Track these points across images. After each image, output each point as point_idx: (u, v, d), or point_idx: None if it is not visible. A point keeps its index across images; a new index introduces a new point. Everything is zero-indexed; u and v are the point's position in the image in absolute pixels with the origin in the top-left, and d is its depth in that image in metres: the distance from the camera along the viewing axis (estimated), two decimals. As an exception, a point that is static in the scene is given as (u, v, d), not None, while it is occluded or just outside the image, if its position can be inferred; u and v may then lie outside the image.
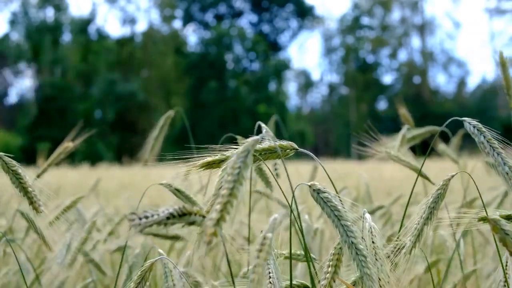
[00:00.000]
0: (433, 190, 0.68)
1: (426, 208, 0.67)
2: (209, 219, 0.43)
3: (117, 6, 26.34)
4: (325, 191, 0.58)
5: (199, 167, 0.62)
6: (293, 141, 0.64)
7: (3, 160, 0.68)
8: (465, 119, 0.67)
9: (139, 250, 1.15)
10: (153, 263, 0.66)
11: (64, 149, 1.08)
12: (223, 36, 25.38)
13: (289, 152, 0.63)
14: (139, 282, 0.65)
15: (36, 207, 0.68)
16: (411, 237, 0.67)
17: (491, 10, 26.96)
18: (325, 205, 0.58)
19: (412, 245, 0.66)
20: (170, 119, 1.19)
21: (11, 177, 0.68)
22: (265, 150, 0.62)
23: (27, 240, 1.38)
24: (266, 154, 0.62)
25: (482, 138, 0.65)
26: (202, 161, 0.62)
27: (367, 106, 25.85)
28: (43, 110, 22.06)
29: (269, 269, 0.60)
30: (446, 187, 0.68)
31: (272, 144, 0.62)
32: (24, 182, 0.68)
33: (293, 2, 27.45)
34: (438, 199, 0.67)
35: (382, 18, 27.54)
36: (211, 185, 1.44)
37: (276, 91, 25.06)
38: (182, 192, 0.82)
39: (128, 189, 3.86)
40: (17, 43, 24.22)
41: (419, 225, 0.67)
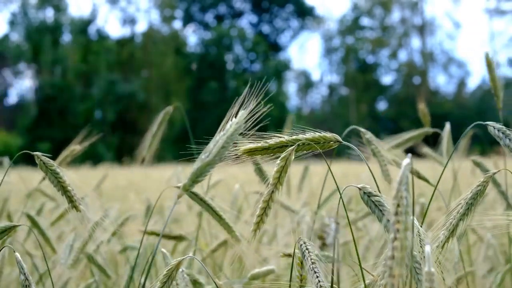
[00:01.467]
0: (473, 186, 0.66)
1: (464, 203, 0.66)
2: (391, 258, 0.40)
3: (117, 6, 26.35)
4: (376, 194, 0.56)
5: (242, 153, 0.61)
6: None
7: (41, 159, 0.69)
8: (489, 123, 0.67)
9: (141, 251, 1.15)
10: (180, 262, 0.65)
11: (71, 152, 1.08)
12: (223, 37, 25.37)
13: (333, 144, 0.62)
14: (165, 281, 0.64)
15: (76, 205, 0.69)
16: (445, 231, 0.65)
17: (491, 11, 26.96)
18: (376, 209, 0.56)
19: (446, 240, 0.65)
20: (169, 115, 1.16)
21: (49, 176, 0.69)
22: (310, 140, 0.61)
23: (28, 241, 1.38)
24: (309, 145, 0.61)
25: (508, 141, 0.65)
26: (245, 147, 0.61)
27: (367, 107, 25.85)
28: (43, 111, 22.06)
29: (318, 277, 0.60)
30: (486, 184, 0.66)
31: (315, 135, 0.61)
32: (63, 181, 0.69)
33: (293, 2, 27.44)
34: (477, 195, 0.66)
35: (382, 19, 27.55)
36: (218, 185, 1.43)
37: (276, 91, 25.06)
38: (197, 194, 0.81)
39: (129, 189, 3.86)
40: (17, 43, 24.22)
41: (455, 220, 0.65)
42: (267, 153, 0.61)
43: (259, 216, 0.59)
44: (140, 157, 1.15)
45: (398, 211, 0.41)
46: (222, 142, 0.56)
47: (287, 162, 0.59)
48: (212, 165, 0.55)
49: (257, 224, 0.59)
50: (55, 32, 24.09)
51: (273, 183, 0.59)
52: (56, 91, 22.45)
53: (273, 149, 0.61)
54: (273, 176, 0.59)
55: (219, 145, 0.56)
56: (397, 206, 0.41)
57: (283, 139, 0.61)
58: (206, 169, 0.55)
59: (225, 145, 0.56)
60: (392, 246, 0.40)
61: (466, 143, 1.51)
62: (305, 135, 0.61)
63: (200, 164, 0.55)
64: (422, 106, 1.25)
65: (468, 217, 0.65)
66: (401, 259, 0.40)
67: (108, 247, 1.32)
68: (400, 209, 0.41)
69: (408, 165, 0.44)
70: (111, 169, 6.01)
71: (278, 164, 0.59)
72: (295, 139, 0.61)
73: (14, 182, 1.87)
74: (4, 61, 24.06)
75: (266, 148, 0.61)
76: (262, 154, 0.61)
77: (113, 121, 22.20)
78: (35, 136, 20.60)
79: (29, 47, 23.75)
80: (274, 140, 0.61)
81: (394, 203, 0.42)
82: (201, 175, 0.55)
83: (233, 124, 0.57)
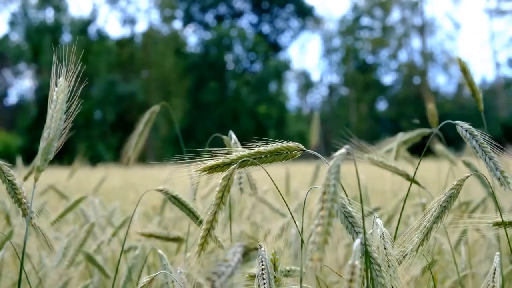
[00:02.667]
0: (446, 189, 0.67)
1: (438, 206, 0.66)
2: (312, 243, 0.41)
3: (117, 6, 26.34)
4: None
5: (201, 171, 0.60)
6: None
7: (1, 169, 0.66)
8: (458, 122, 0.67)
9: (138, 252, 1.14)
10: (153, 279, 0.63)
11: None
12: (223, 37, 25.37)
13: (296, 153, 0.61)
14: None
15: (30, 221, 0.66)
16: (419, 234, 0.65)
17: (491, 11, 26.96)
18: (338, 211, 0.56)
19: (420, 243, 0.65)
20: (155, 114, 1.15)
21: (7, 187, 0.66)
22: (271, 152, 0.60)
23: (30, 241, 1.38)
24: (272, 156, 0.60)
25: (474, 142, 0.65)
26: (205, 165, 0.60)
27: (367, 107, 25.84)
28: (43, 111, 21.89)
29: (265, 284, 0.59)
30: (459, 187, 0.66)
31: (278, 146, 0.60)
32: (19, 193, 0.66)
33: (293, 2, 27.44)
34: (451, 198, 0.66)
35: (382, 19, 27.55)
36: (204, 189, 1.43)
37: (276, 91, 25.05)
38: (178, 199, 0.80)
39: (128, 189, 3.86)
40: (17, 43, 24.22)
41: (429, 223, 0.65)
42: (228, 169, 0.59)
43: (203, 237, 0.58)
44: (126, 157, 1.12)
45: (324, 198, 0.43)
46: (58, 115, 0.58)
47: (229, 181, 0.58)
48: (55, 139, 0.59)
49: (202, 246, 0.58)
50: (55, 32, 24.08)
51: (216, 203, 0.58)
52: (56, 91, 22.43)
53: (234, 164, 0.59)
54: (216, 196, 0.58)
55: (56, 119, 0.58)
56: (323, 193, 0.43)
57: (244, 153, 0.60)
58: (52, 145, 0.59)
59: (61, 116, 0.58)
60: (315, 231, 0.42)
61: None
62: (267, 147, 0.60)
63: (46, 142, 0.59)
64: (431, 106, 1.25)
65: (442, 220, 0.65)
66: (322, 243, 0.41)
67: (109, 247, 1.32)
68: (325, 197, 0.43)
69: (341, 155, 0.46)
70: (110, 169, 6.01)
71: (220, 184, 0.58)
72: (257, 152, 0.60)
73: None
74: (4, 61, 24.05)
75: (227, 164, 0.60)
76: (224, 170, 0.60)
77: (113, 122, 22.19)
78: (35, 136, 20.59)
79: (29, 47, 23.74)
80: (235, 154, 0.60)
81: (321, 190, 0.43)
82: (49, 152, 0.59)
83: (58, 93, 0.58)
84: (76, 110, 0.58)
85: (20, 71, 24.62)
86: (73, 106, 0.57)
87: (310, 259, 0.41)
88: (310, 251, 0.41)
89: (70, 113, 0.58)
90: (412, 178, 0.87)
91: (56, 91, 0.57)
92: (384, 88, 27.14)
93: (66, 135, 0.59)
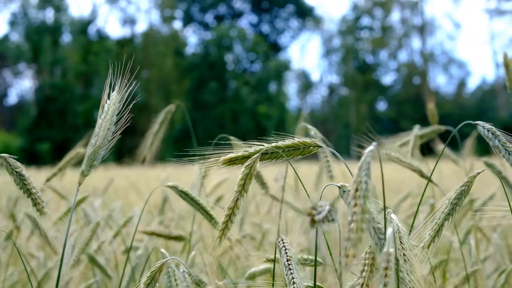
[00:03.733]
0: (457, 186, 0.67)
1: (449, 203, 0.66)
2: (347, 239, 0.42)
3: (118, 7, 26.35)
4: None
5: (221, 163, 0.61)
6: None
7: (7, 161, 0.67)
8: (479, 122, 0.67)
9: (141, 251, 1.15)
10: (163, 264, 0.65)
11: (76, 155, 1.08)
12: (223, 37, 25.37)
13: (312, 149, 0.62)
14: (149, 283, 0.64)
15: (40, 209, 0.67)
16: (430, 231, 0.65)
17: (491, 11, 26.97)
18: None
19: (431, 240, 0.65)
20: (171, 114, 1.15)
21: (15, 179, 0.67)
22: (289, 146, 0.61)
23: (31, 241, 1.38)
24: (289, 151, 0.61)
25: (497, 142, 0.65)
26: (225, 157, 0.61)
27: (367, 107, 25.85)
28: (43, 111, 22.06)
29: (292, 273, 0.60)
30: (470, 184, 0.66)
31: (295, 141, 0.61)
32: (28, 184, 0.67)
33: (293, 2, 27.45)
34: (462, 195, 0.66)
35: (382, 19, 27.55)
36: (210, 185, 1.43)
37: (276, 92, 25.06)
38: (188, 194, 0.81)
39: (129, 189, 3.86)
40: (17, 43, 24.22)
41: (440, 220, 0.65)
42: (247, 161, 0.60)
43: (224, 223, 0.59)
44: (141, 156, 1.14)
45: (356, 195, 0.43)
46: (107, 125, 0.59)
47: (251, 169, 0.59)
48: (102, 147, 0.59)
49: (223, 231, 0.59)
50: (55, 32, 24.09)
51: (238, 191, 0.59)
52: (56, 92, 22.46)
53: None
54: (238, 183, 0.59)
55: (105, 128, 0.59)
56: (356, 190, 0.43)
57: (262, 147, 0.61)
58: (99, 152, 0.59)
59: (109, 126, 0.59)
60: (348, 228, 0.42)
61: (472, 143, 1.51)
62: (285, 141, 0.61)
63: (93, 148, 0.59)
64: (432, 106, 1.25)
65: (453, 217, 0.65)
66: (356, 240, 0.41)
67: (111, 247, 1.32)
68: (358, 193, 0.43)
69: (370, 151, 0.46)
70: (110, 169, 6.01)
71: (242, 172, 0.59)
72: (275, 147, 0.60)
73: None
74: (4, 61, 24.06)
75: (246, 157, 0.60)
76: (243, 162, 0.60)
77: (113, 122, 22.17)
78: (35, 136, 20.61)
79: (29, 47, 23.75)
80: (254, 148, 0.61)
81: (353, 187, 0.43)
82: (96, 158, 0.59)
83: (110, 106, 0.59)
84: (126, 123, 0.60)
85: (20, 71, 24.64)
86: (123, 118, 0.60)
87: (346, 255, 0.41)
88: (344, 247, 0.41)
89: (119, 125, 0.59)
90: (429, 176, 0.87)
91: (108, 103, 0.60)
92: (384, 88, 27.16)
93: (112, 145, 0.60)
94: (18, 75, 24.69)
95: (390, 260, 0.46)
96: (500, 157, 0.64)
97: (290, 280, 0.59)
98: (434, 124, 1.24)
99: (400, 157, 0.95)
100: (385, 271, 0.46)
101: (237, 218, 0.97)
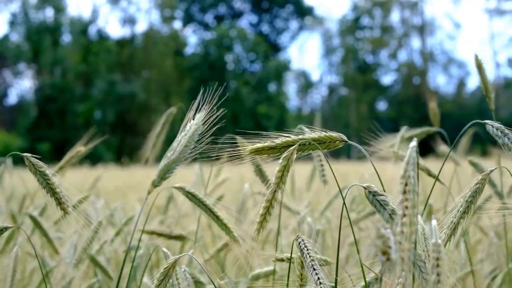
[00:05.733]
0: (471, 183, 0.66)
1: (464, 201, 0.66)
2: (401, 233, 0.42)
3: (118, 7, 26.35)
4: (381, 193, 0.56)
5: (248, 152, 0.61)
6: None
7: (30, 161, 0.68)
8: (487, 121, 0.67)
9: (142, 251, 1.15)
10: (176, 260, 0.65)
11: (76, 153, 1.08)
12: (223, 37, 25.37)
13: (338, 144, 0.61)
14: (162, 279, 0.64)
15: (65, 208, 0.68)
16: (446, 230, 0.65)
17: (491, 11, 26.96)
18: (381, 208, 0.55)
19: (448, 238, 0.65)
20: (173, 116, 1.16)
21: (38, 178, 0.67)
22: (315, 140, 0.61)
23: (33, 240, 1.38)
24: (313, 145, 0.61)
25: (506, 140, 0.65)
26: (252, 147, 0.61)
27: (366, 107, 25.85)
28: (43, 111, 22.06)
29: (317, 274, 0.60)
30: (484, 182, 0.66)
31: (322, 135, 0.61)
32: (52, 183, 0.68)
33: (293, 2, 27.45)
34: (476, 193, 0.66)
35: (382, 19, 27.55)
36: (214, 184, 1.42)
37: (276, 92, 25.06)
38: (195, 195, 0.81)
39: (129, 189, 3.86)
40: (17, 44, 24.22)
41: (456, 219, 0.65)
42: (274, 152, 0.61)
43: (262, 215, 0.59)
44: (144, 157, 1.15)
45: (406, 189, 0.43)
46: (185, 142, 0.60)
47: (289, 161, 0.59)
48: (177, 162, 0.60)
49: (261, 223, 0.60)
50: (55, 32, 24.09)
51: (276, 183, 0.59)
52: (56, 92, 22.45)
53: (280, 148, 0.61)
54: (276, 175, 0.59)
55: (182, 144, 0.60)
56: (405, 185, 0.43)
57: (290, 139, 0.61)
58: (172, 166, 0.60)
59: (187, 144, 0.60)
60: (401, 222, 0.42)
61: (466, 142, 1.51)
62: (311, 134, 0.61)
63: (167, 161, 0.60)
64: (433, 105, 1.25)
65: (469, 215, 0.65)
66: (410, 234, 0.42)
67: (112, 247, 1.32)
68: (407, 188, 0.43)
69: (415, 146, 0.46)
70: (110, 170, 6.02)
71: (280, 164, 0.59)
72: (301, 139, 0.61)
73: (14, 183, 1.87)
74: (4, 61, 24.06)
75: (272, 148, 0.61)
76: (269, 153, 0.61)
77: (113, 122, 22.20)
78: (35, 136, 20.61)
79: (29, 47, 23.75)
80: (280, 139, 0.61)
81: (402, 182, 0.44)
82: (168, 171, 0.60)
83: (192, 125, 0.61)
84: (204, 145, 0.61)
85: (20, 71, 24.64)
86: (203, 140, 0.61)
87: (401, 249, 0.41)
88: (398, 241, 0.42)
89: (197, 145, 0.61)
90: (437, 176, 0.87)
91: (192, 122, 0.61)
92: (384, 88, 27.16)
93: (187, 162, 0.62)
94: (18, 75, 24.71)
95: (440, 250, 0.47)
96: (510, 155, 0.64)
97: (316, 281, 0.59)
98: (436, 124, 1.24)
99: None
100: (436, 261, 0.46)
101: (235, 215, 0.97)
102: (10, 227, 0.72)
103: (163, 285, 0.64)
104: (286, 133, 0.61)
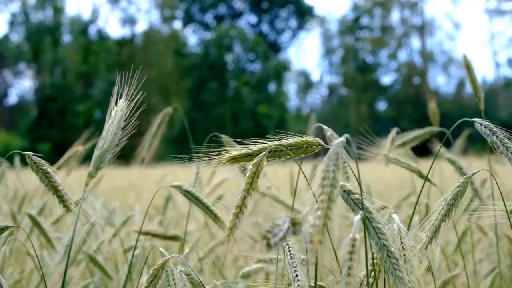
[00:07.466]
0: (453, 187, 0.67)
1: (445, 204, 0.66)
2: (313, 226, 0.43)
3: (118, 7, 26.35)
4: (355, 192, 0.57)
5: (225, 160, 0.61)
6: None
7: (32, 160, 0.68)
8: (476, 120, 0.67)
9: (138, 251, 1.15)
10: (165, 261, 0.66)
11: (75, 153, 1.08)
12: (223, 37, 25.37)
13: (315, 148, 0.62)
14: (151, 280, 0.65)
15: (67, 205, 0.68)
16: (428, 232, 0.65)
17: (491, 11, 26.96)
18: (355, 207, 0.56)
19: (429, 241, 0.65)
20: (168, 116, 1.16)
21: (40, 176, 0.68)
22: (291, 145, 0.61)
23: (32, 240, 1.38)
24: (292, 150, 0.61)
25: (494, 138, 0.65)
26: (229, 154, 0.61)
27: (366, 107, 25.85)
28: (43, 111, 22.06)
29: (296, 271, 0.60)
30: (466, 185, 0.66)
31: (298, 140, 0.61)
32: (54, 181, 0.68)
33: (293, 2, 27.45)
34: (458, 196, 0.66)
35: (382, 19, 27.55)
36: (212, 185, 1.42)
37: (276, 92, 25.06)
38: (192, 194, 0.81)
39: (128, 189, 3.86)
40: (17, 43, 24.22)
41: (437, 221, 0.65)
42: (251, 159, 0.61)
43: (232, 221, 0.60)
44: (140, 157, 1.15)
45: (323, 183, 0.44)
46: (114, 130, 0.61)
47: (258, 167, 0.59)
48: (109, 151, 0.61)
49: (231, 229, 0.60)
50: (55, 32, 24.09)
51: (246, 189, 0.59)
52: (56, 92, 22.45)
53: (257, 155, 0.61)
54: (246, 181, 0.59)
55: (112, 132, 0.61)
56: (323, 179, 0.44)
57: (266, 145, 0.61)
58: (105, 155, 0.61)
59: (116, 131, 0.62)
60: (315, 215, 0.43)
61: (462, 142, 1.51)
62: (288, 140, 0.61)
63: (100, 151, 0.61)
64: (433, 105, 1.25)
65: (450, 218, 0.65)
66: (321, 226, 0.42)
67: (110, 247, 1.32)
68: (325, 182, 0.44)
69: (340, 142, 0.47)
70: (110, 169, 6.00)
71: (250, 170, 0.59)
72: (278, 145, 0.61)
73: (14, 183, 1.87)
74: (4, 61, 24.06)
75: (250, 155, 0.61)
76: (246, 160, 0.61)
77: (113, 122, 22.17)
78: (35, 136, 20.61)
79: (29, 47, 23.75)
80: (257, 146, 0.61)
81: (321, 176, 0.45)
82: (103, 161, 0.61)
83: (117, 112, 0.62)
84: (132, 130, 0.63)
85: (20, 71, 24.64)
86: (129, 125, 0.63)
87: (310, 241, 0.42)
88: (310, 233, 0.42)
89: (126, 131, 0.63)
90: (426, 176, 0.87)
91: (115, 109, 0.63)
92: (383, 88, 27.15)
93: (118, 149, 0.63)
94: (18, 75, 24.70)
95: (355, 245, 0.47)
96: (498, 154, 0.64)
97: (294, 278, 0.60)
98: (435, 124, 1.24)
99: (399, 158, 0.95)
100: (350, 255, 0.47)
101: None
102: (10, 226, 0.73)
103: (152, 286, 0.65)
104: (263, 139, 0.62)
